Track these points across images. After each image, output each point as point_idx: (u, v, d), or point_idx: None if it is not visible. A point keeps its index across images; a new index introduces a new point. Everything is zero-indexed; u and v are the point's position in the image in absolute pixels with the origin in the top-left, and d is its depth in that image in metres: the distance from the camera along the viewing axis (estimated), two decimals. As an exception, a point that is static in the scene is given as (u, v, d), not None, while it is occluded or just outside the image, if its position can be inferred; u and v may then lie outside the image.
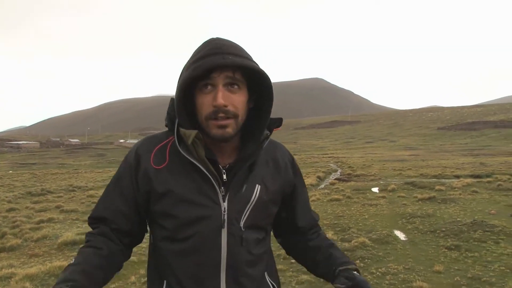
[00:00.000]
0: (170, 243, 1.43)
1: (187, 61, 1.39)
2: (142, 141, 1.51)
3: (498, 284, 5.91)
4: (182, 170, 1.41)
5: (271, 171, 1.52)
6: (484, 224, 9.53)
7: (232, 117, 1.34)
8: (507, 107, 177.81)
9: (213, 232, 1.40)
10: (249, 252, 1.45)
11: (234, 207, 1.42)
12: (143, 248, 8.84)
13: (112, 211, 1.46)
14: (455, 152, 64.80)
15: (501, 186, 17.91)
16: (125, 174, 1.46)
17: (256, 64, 1.36)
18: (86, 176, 40.36)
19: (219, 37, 1.40)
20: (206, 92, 1.34)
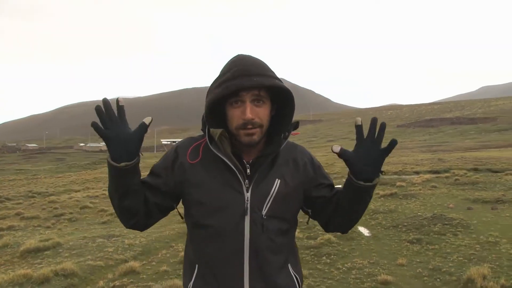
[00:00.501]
0: (199, 229, 1.67)
1: (217, 77, 1.64)
2: (182, 141, 1.79)
3: (457, 274, 6.19)
4: (213, 164, 1.66)
5: (291, 169, 1.74)
6: (443, 218, 9.91)
7: (258, 127, 1.60)
8: (462, 104, 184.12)
9: (236, 218, 1.61)
10: (271, 239, 1.65)
11: (256, 197, 1.64)
12: (110, 252, 8.76)
13: (149, 181, 1.71)
14: (414, 148, 66.57)
15: (458, 180, 18.59)
16: (162, 164, 1.73)
17: (279, 81, 1.59)
18: (46, 182, 39.25)
19: (244, 57, 1.64)
20: (235, 107, 1.59)
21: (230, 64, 1.62)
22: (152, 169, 1.74)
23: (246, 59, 1.61)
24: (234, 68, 1.57)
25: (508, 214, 10.65)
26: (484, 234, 8.52)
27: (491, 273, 5.98)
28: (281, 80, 1.61)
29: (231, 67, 1.60)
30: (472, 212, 11.29)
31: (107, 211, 16.41)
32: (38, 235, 12.14)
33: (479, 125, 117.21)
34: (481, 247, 7.67)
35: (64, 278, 6.85)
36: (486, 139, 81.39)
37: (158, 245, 9.70)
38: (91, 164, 75.46)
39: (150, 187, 1.69)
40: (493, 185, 16.63)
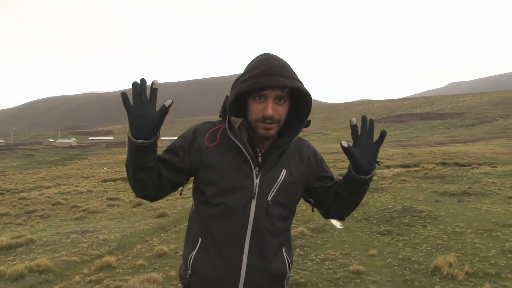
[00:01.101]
0: (208, 207, 1.82)
1: (243, 72, 1.78)
2: (200, 124, 1.91)
3: (425, 263, 6.45)
4: (229, 150, 1.81)
5: (296, 161, 1.90)
6: (412, 210, 10.24)
7: (276, 122, 1.74)
8: (431, 100, 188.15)
9: (244, 201, 1.77)
10: (272, 224, 1.82)
11: (264, 183, 1.80)
12: (84, 248, 8.73)
13: (165, 158, 1.82)
14: (385, 143, 67.70)
15: (427, 174, 19.15)
16: (180, 144, 1.84)
17: (300, 84, 1.73)
18: (15, 179, 38.33)
19: (271, 56, 1.78)
20: (258, 102, 1.72)
21: (257, 61, 1.76)
22: (169, 147, 1.86)
23: (273, 58, 1.76)
24: (262, 66, 1.71)
25: (474, 205, 11.08)
26: (451, 225, 8.86)
27: (456, 261, 6.26)
28: (302, 82, 1.75)
29: (258, 65, 1.73)
30: (440, 204, 11.69)
31: (80, 207, 16.26)
32: (10, 232, 11.97)
33: (448, 121, 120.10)
34: (448, 237, 7.99)
35: (38, 274, 6.81)
36: (454, 134, 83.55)
37: (133, 240, 9.70)
38: (61, 160, 74.06)
39: (166, 163, 1.81)
40: (460, 179, 17.21)
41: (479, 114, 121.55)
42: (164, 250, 8.03)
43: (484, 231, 8.23)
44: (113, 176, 31.44)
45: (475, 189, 13.83)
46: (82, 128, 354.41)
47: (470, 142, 57.95)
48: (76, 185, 26.17)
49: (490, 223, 8.88)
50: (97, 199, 18.85)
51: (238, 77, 1.79)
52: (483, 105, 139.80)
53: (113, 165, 53.77)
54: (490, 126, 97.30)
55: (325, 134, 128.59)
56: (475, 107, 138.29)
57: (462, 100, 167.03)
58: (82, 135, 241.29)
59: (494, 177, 17.16)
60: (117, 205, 16.84)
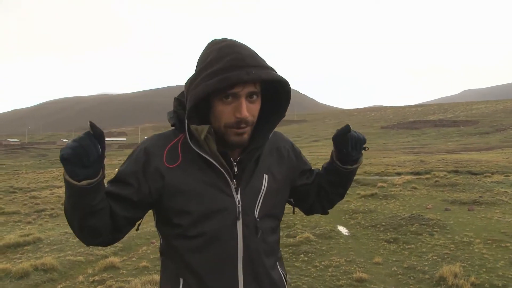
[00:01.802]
0: (185, 240, 1.45)
1: (202, 65, 1.40)
2: (150, 141, 1.51)
3: (430, 272, 6.37)
4: (195, 166, 1.45)
5: (276, 160, 1.61)
6: (420, 218, 10.13)
7: (250, 125, 1.42)
8: (445, 107, 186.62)
9: (228, 224, 1.44)
10: (265, 241, 1.52)
11: (247, 198, 1.48)
12: (90, 248, 8.77)
13: (116, 192, 1.43)
14: (397, 150, 67.30)
15: (438, 182, 18.93)
16: (129, 170, 1.45)
17: (275, 72, 1.41)
18: (28, 177, 38.79)
19: (234, 43, 1.42)
20: (226, 102, 1.37)
21: (218, 51, 1.38)
22: (118, 177, 1.47)
23: (238, 46, 1.40)
24: (227, 56, 1.35)
25: (484, 215, 10.93)
26: (459, 234, 8.75)
27: (462, 271, 6.17)
28: (275, 70, 1.43)
29: (222, 54, 1.36)
30: (449, 213, 11.55)
31: (89, 207, 16.36)
32: (19, 230, 12.11)
33: (461, 128, 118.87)
34: (455, 246, 7.88)
35: (43, 272, 6.89)
36: (468, 142, 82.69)
37: (139, 241, 9.74)
38: (74, 160, 74.73)
39: (118, 199, 1.43)
40: (471, 187, 16.99)
41: (493, 122, 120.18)
42: (169, 252, 8.04)
43: (493, 241, 8.11)
44: (123, 177, 31.62)
45: (486, 198, 13.64)
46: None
47: (484, 150, 57.28)
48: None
49: (500, 233, 8.75)
50: (107, 199, 18.98)
51: (194, 73, 1.42)
52: (497, 113, 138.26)
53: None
54: (505, 134, 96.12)
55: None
56: (489, 114, 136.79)
57: (476, 108, 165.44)
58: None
59: (506, 186, 16.90)
60: (126, 206, 16.93)
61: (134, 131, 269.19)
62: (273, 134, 1.60)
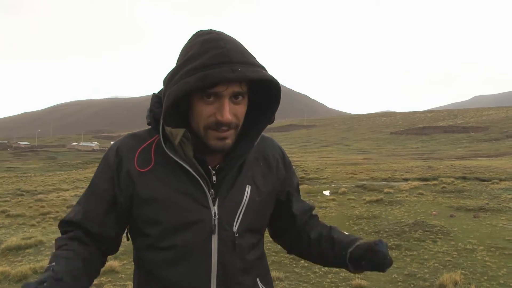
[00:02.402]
0: (155, 252, 1.31)
1: (182, 60, 1.24)
2: (122, 140, 1.38)
3: (431, 280, 6.29)
4: (169, 172, 1.30)
5: (262, 170, 1.42)
6: (424, 225, 10.04)
7: (234, 128, 1.26)
8: (455, 113, 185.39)
9: (202, 238, 1.29)
10: (242, 259, 1.35)
11: (225, 211, 1.31)
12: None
13: (87, 215, 1.33)
14: (406, 156, 66.91)
15: (445, 188, 18.78)
16: (104, 176, 1.34)
17: (265, 71, 1.25)
18: (36, 180, 39.08)
19: (219, 35, 1.24)
20: (207, 102, 1.22)
21: (202, 43, 1.22)
22: (93, 189, 1.36)
23: (223, 39, 1.23)
24: (211, 51, 1.19)
25: (489, 222, 10.80)
26: (462, 242, 8.64)
27: (463, 279, 6.10)
28: (265, 68, 1.27)
29: (205, 48, 1.21)
30: (454, 219, 11.42)
31: (94, 210, 16.44)
32: (22, 233, 12.16)
33: (471, 134, 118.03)
34: (458, 254, 7.79)
35: (42, 276, 6.89)
36: (477, 148, 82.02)
37: (141, 245, 9.74)
38: (83, 163, 75.23)
39: (101, 218, 1.33)
40: (478, 194, 16.83)
41: (504, 128, 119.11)
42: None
43: (496, 249, 8.00)
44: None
45: (493, 205, 13.49)
46: (105, 132, 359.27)
47: (493, 156, 56.76)
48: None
49: (504, 241, 8.63)
50: (112, 203, 19.06)
51: (175, 68, 1.26)
52: (508, 119, 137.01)
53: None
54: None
55: (346, 145, 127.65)
56: (500, 121, 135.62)
57: (487, 114, 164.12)
58: (105, 139, 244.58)
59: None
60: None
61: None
62: (261, 140, 1.42)
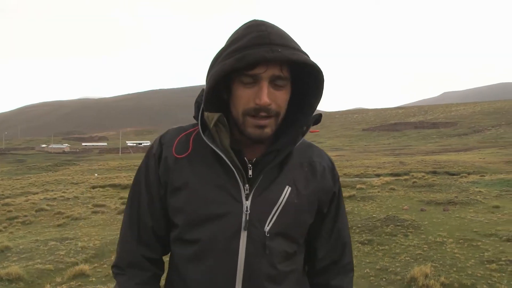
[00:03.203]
0: (181, 245, 1.28)
1: (225, 46, 1.21)
2: (166, 131, 1.36)
3: (402, 273, 6.37)
4: (204, 161, 1.26)
5: (305, 175, 1.32)
6: (396, 219, 10.17)
7: (274, 116, 1.19)
8: (425, 109, 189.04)
9: (230, 233, 1.21)
10: (272, 265, 1.24)
11: (258, 207, 1.23)
12: (61, 255, 8.58)
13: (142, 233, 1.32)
14: (378, 152, 67.98)
15: (416, 183, 19.09)
16: (151, 169, 1.31)
17: (307, 56, 1.19)
18: (3, 184, 37.97)
19: (262, 22, 1.21)
20: (247, 86, 1.17)
21: (244, 29, 1.19)
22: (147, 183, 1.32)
23: (265, 24, 1.19)
24: (252, 34, 1.16)
25: (458, 215, 11.03)
26: (432, 235, 8.80)
27: (433, 271, 6.20)
28: (308, 55, 1.20)
29: (246, 32, 1.17)
30: (424, 213, 11.62)
31: (64, 213, 16.06)
32: (-12, 238, 11.77)
33: (441, 130, 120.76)
34: (428, 247, 7.92)
35: (8, 283, 6.68)
36: (447, 143, 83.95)
37: (113, 247, 9.55)
38: (53, 166, 73.56)
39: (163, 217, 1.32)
40: (448, 187, 17.18)
41: (471, 123, 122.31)
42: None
43: (465, 240, 8.18)
44: (102, 182, 31.18)
45: (461, 198, 13.79)
46: (76, 134, 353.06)
47: (462, 151, 58.17)
48: (64, 191, 25.89)
49: (472, 233, 8.83)
50: (83, 205, 18.65)
51: (217, 53, 1.22)
52: (475, 114, 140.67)
53: (104, 171, 53.46)
54: (482, 135, 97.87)
55: (319, 142, 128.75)
56: (467, 116, 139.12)
57: (455, 110, 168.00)
58: (76, 140, 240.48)
59: (481, 186, 17.15)
60: (102, 212, 16.65)
61: (115, 135, 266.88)
62: (309, 147, 1.38)
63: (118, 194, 23.26)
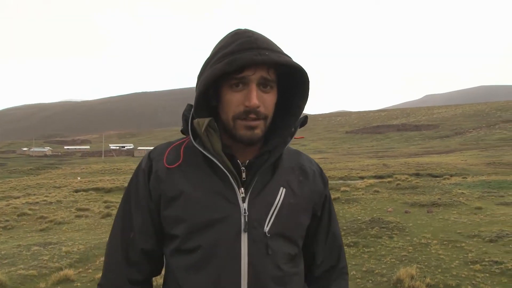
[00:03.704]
0: (181, 256, 1.25)
1: (212, 53, 1.26)
2: (155, 147, 1.37)
3: (388, 275, 6.42)
4: (196, 168, 1.27)
5: (297, 177, 1.35)
6: (380, 221, 10.26)
7: (263, 118, 1.22)
8: (407, 112, 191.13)
9: (230, 238, 1.21)
10: (277, 266, 1.24)
11: (255, 209, 1.24)
12: (44, 261, 8.45)
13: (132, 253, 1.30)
14: (362, 154, 68.48)
15: (400, 185, 19.30)
16: (140, 185, 1.30)
17: (291, 59, 1.23)
18: (-17, 188, 37.32)
19: (248, 29, 1.26)
20: (236, 90, 1.20)
21: (231, 36, 1.24)
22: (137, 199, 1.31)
23: (251, 31, 1.24)
24: (239, 40, 1.20)
25: (442, 216, 11.17)
26: (417, 236, 8.90)
27: (419, 273, 6.26)
28: (291, 58, 1.25)
29: (233, 39, 1.22)
30: (409, 215, 11.75)
31: (47, 218, 15.82)
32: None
33: (423, 132, 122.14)
34: (413, 248, 8.00)
35: (-10, 289, 6.56)
36: (429, 145, 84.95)
37: (97, 252, 9.45)
38: (35, 169, 72.60)
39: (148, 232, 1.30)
40: (431, 189, 17.40)
41: (453, 126, 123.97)
42: (126, 262, 7.83)
43: (449, 242, 8.28)
44: (85, 186, 30.82)
45: (444, 199, 13.98)
46: (58, 137, 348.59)
47: (444, 153, 58.98)
48: (46, 195, 25.53)
49: (456, 234, 8.95)
50: (66, 209, 18.40)
51: (206, 60, 1.27)
52: (457, 117, 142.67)
53: (87, 174, 52.85)
54: (463, 137, 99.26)
55: (303, 144, 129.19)
56: (449, 119, 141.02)
57: (437, 112, 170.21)
58: (58, 144, 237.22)
59: (463, 187, 17.41)
60: (86, 216, 16.48)
61: (98, 138, 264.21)
62: (297, 154, 1.42)
63: (102, 198, 23.02)
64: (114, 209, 18.08)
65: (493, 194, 15.18)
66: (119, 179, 34.46)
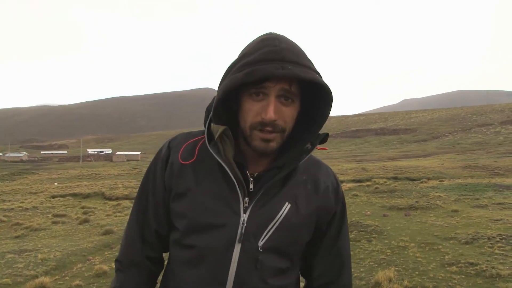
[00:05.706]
0: (179, 249, 1.31)
1: (237, 59, 1.23)
2: (176, 135, 1.39)
3: (367, 278, 6.48)
4: (208, 170, 1.28)
5: (307, 192, 1.32)
6: (359, 225, 10.35)
7: (280, 131, 1.20)
8: (385, 116, 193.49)
9: (224, 244, 1.23)
10: (263, 280, 1.25)
11: (255, 221, 1.24)
12: (19, 268, 8.28)
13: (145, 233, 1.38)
14: (341, 158, 69.00)
15: (378, 189, 19.50)
16: (158, 172, 1.35)
17: (318, 75, 1.20)
18: (-44, 195, 36.36)
19: (277, 36, 1.22)
20: (256, 99, 1.19)
21: (258, 42, 1.21)
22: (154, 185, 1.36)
23: (279, 39, 1.20)
24: (263, 48, 1.17)
25: (419, 219, 11.34)
26: (395, 239, 9.00)
27: (397, 276, 6.34)
28: (320, 74, 1.21)
29: (259, 46, 1.19)
30: (387, 219, 11.88)
31: (22, 224, 15.50)
32: None
33: (401, 136, 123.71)
34: (391, 251, 8.10)
35: (-38, 298, 6.39)
36: (407, 149, 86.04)
37: (74, 258, 9.30)
38: (10, 175, 70.97)
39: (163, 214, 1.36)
40: (409, 193, 17.62)
41: (430, 130, 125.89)
42: (104, 269, 7.73)
43: (426, 244, 8.40)
44: (63, 191, 30.31)
45: (422, 203, 14.17)
46: (34, 142, 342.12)
47: (422, 157, 59.80)
48: (22, 201, 25.04)
49: (433, 237, 9.08)
50: (42, 215, 18.08)
51: (229, 65, 1.24)
52: (434, 121, 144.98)
53: (64, 180, 51.97)
54: (440, 141, 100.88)
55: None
56: (426, 123, 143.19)
57: (415, 116, 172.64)
58: (34, 149, 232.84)
59: (440, 191, 17.67)
60: (63, 222, 16.19)
61: (76, 143, 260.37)
62: (315, 164, 1.38)
63: (80, 204, 22.69)
64: (92, 215, 17.85)
65: (469, 197, 15.47)
66: (97, 185, 34.03)
